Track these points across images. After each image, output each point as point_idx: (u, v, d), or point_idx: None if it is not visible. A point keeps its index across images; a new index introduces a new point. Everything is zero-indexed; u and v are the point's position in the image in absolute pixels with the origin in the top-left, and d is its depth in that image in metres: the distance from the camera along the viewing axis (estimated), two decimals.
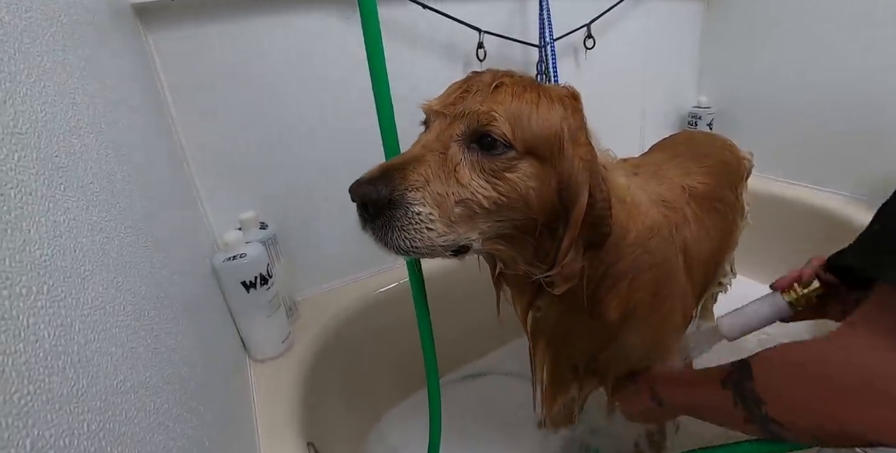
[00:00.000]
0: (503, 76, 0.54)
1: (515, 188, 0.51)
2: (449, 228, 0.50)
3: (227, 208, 0.95)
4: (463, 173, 0.51)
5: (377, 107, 0.60)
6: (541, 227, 0.55)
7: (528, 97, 0.52)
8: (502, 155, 0.51)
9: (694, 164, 0.91)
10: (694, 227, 0.80)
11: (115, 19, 0.68)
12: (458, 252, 0.54)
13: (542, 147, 0.52)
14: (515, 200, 0.52)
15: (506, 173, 0.51)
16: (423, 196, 0.49)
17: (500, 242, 0.56)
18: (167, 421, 0.40)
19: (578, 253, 0.55)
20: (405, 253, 0.51)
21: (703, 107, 1.59)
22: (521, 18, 1.15)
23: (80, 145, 0.40)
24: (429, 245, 0.50)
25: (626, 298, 0.66)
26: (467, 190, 0.50)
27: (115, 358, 0.35)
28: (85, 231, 0.36)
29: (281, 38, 0.90)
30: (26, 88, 0.33)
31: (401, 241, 0.49)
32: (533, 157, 0.52)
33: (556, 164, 0.53)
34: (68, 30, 0.46)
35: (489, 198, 0.51)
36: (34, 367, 0.25)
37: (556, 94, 0.55)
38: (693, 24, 1.54)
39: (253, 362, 0.91)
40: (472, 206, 0.51)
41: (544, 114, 0.52)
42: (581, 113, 0.55)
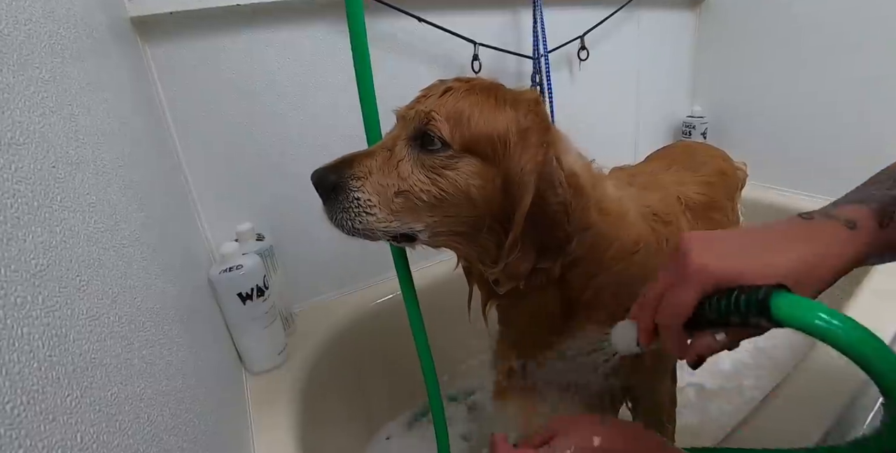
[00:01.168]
0: (456, 81, 0.58)
1: (455, 184, 0.55)
2: (391, 216, 0.56)
3: (224, 220, 0.95)
4: (404, 168, 0.55)
5: (363, 116, 0.64)
6: (492, 225, 0.57)
7: (473, 100, 0.55)
8: (440, 152, 0.54)
9: (690, 174, 0.91)
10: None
11: (113, 31, 0.69)
12: (401, 239, 0.59)
13: (483, 146, 0.54)
14: (455, 196, 0.55)
15: (444, 170, 0.55)
16: (362, 184, 0.55)
17: (454, 238, 0.59)
18: (162, 434, 0.40)
19: (526, 254, 0.55)
20: (349, 232, 0.57)
21: (696, 116, 1.61)
22: (515, 31, 1.17)
23: (76, 156, 0.40)
24: (368, 228, 0.56)
25: (612, 312, 0.64)
26: (406, 182, 0.55)
27: (109, 370, 0.35)
28: (81, 241, 0.36)
29: (278, 51, 0.91)
30: (24, 99, 0.34)
31: (344, 221, 0.56)
32: (473, 156, 0.55)
33: (500, 164, 0.55)
34: (67, 42, 0.46)
35: (428, 191, 0.55)
36: (28, 378, 0.25)
37: (512, 97, 0.57)
38: (685, 35, 1.56)
39: (249, 374, 0.90)
40: (413, 199, 0.55)
41: (488, 116, 0.54)
42: (538, 116, 0.56)
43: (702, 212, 0.85)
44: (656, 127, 1.62)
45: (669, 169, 0.94)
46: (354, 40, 0.63)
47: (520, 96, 0.58)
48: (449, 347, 1.17)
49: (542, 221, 0.54)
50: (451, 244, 0.61)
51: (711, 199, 0.89)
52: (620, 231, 0.64)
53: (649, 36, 1.44)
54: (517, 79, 1.21)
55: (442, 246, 0.61)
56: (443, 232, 0.58)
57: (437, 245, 0.61)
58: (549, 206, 0.54)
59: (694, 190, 0.86)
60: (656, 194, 0.79)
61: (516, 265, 0.55)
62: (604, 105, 1.43)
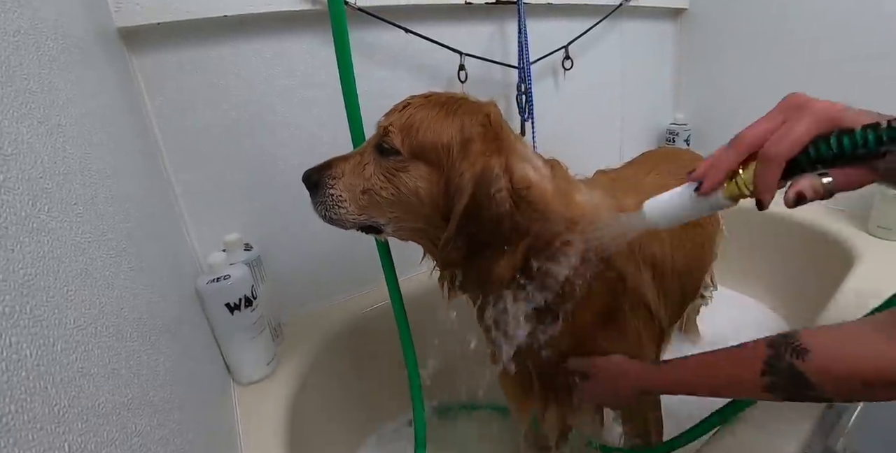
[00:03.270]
0: (418, 98, 0.65)
1: (406, 185, 0.63)
2: (359, 209, 0.66)
3: (212, 230, 0.94)
4: (368, 170, 0.65)
5: (349, 123, 0.70)
6: (438, 222, 0.64)
7: (424, 113, 0.62)
8: (394, 158, 0.63)
9: (672, 180, 0.93)
10: (667, 242, 0.82)
11: (100, 42, 0.69)
12: (368, 230, 0.69)
13: (429, 154, 0.61)
14: (407, 195, 0.63)
15: (398, 172, 0.63)
16: (336, 183, 0.66)
17: (413, 232, 0.68)
18: (150, 444, 0.40)
19: (458, 248, 0.61)
20: (326, 221, 0.68)
21: (679, 124, 1.65)
22: (501, 41, 1.19)
23: (64, 167, 0.40)
24: (339, 218, 0.66)
25: (582, 308, 0.69)
26: (370, 182, 0.64)
27: (97, 380, 0.35)
28: (69, 252, 0.36)
29: (265, 61, 0.92)
30: (13, 110, 0.34)
31: (322, 211, 0.67)
32: (422, 162, 0.62)
33: (443, 170, 0.61)
34: (55, 53, 0.47)
35: (386, 189, 0.64)
36: (16, 387, 0.25)
37: (466, 109, 0.63)
38: (667, 45, 1.60)
39: (237, 385, 0.90)
40: (375, 196, 0.64)
41: (435, 127, 0.61)
42: (484, 127, 0.61)
43: (682, 229, 0.86)
44: (640, 134, 1.65)
45: (650, 173, 0.96)
46: (339, 52, 0.67)
47: (475, 108, 0.63)
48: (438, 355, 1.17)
49: (479, 223, 0.59)
50: (412, 237, 0.70)
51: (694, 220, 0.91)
52: (587, 234, 0.66)
53: (632, 46, 1.47)
54: (504, 88, 1.22)
55: (405, 238, 0.70)
56: (403, 226, 0.67)
57: (401, 238, 0.70)
58: (484, 211, 0.59)
59: None
60: (634, 198, 0.81)
61: (448, 254, 0.62)
62: (589, 113, 1.46)
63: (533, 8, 1.16)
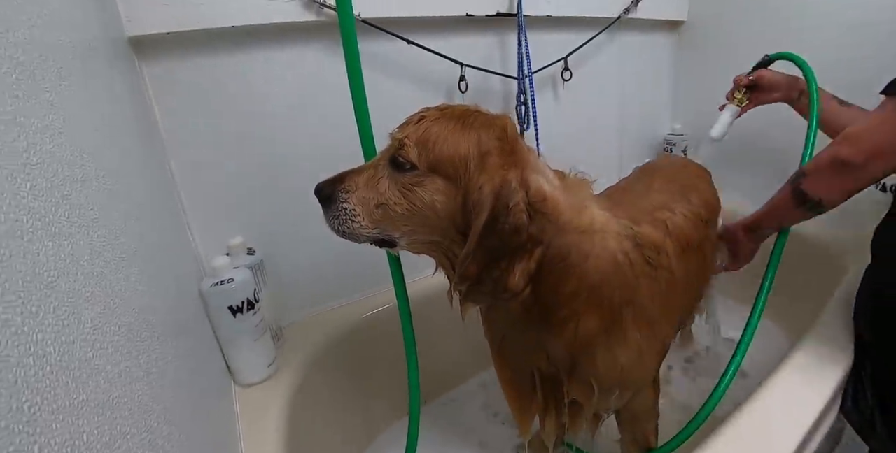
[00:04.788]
0: (432, 110, 0.65)
1: (422, 199, 0.62)
2: (372, 223, 0.65)
3: (216, 234, 0.96)
4: (383, 184, 0.64)
5: (360, 134, 0.70)
6: (455, 236, 0.65)
7: (440, 126, 0.62)
8: (410, 172, 0.62)
9: (681, 203, 0.92)
10: (674, 256, 0.81)
11: (112, 51, 0.71)
12: (382, 244, 0.68)
13: (446, 168, 0.61)
14: (423, 209, 0.63)
15: (414, 187, 0.62)
16: (349, 197, 0.65)
17: (427, 245, 0.68)
18: (158, 440, 0.41)
19: (477, 261, 0.62)
20: (339, 235, 0.67)
21: (677, 134, 1.67)
22: (501, 52, 1.21)
23: (81, 174, 0.43)
24: (353, 232, 0.66)
25: (587, 315, 0.70)
26: (384, 196, 0.64)
27: (110, 376, 0.37)
28: (86, 255, 0.38)
29: (272, 71, 0.94)
30: (36, 121, 0.36)
31: (335, 225, 0.66)
32: (439, 176, 0.62)
33: (461, 184, 0.61)
34: (71, 63, 0.49)
35: (400, 204, 0.63)
36: (41, 380, 0.27)
37: (482, 122, 0.63)
38: (665, 56, 1.63)
39: (238, 387, 0.91)
40: (389, 210, 0.64)
41: (452, 141, 0.61)
42: (501, 140, 0.62)
43: (684, 236, 0.86)
44: (639, 144, 1.67)
45: (652, 187, 0.97)
46: (349, 61, 0.68)
47: (490, 121, 0.63)
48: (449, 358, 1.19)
49: (495, 236, 0.60)
50: (426, 250, 0.69)
51: (694, 222, 0.90)
52: (597, 247, 0.68)
53: (630, 57, 1.50)
54: (504, 99, 1.25)
55: (418, 251, 0.69)
56: (417, 239, 0.67)
57: (415, 251, 0.69)
58: (501, 225, 0.59)
59: (683, 220, 0.87)
60: (642, 216, 0.82)
61: (467, 268, 0.62)
62: (588, 123, 1.48)
63: (533, 20, 1.19)
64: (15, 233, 0.28)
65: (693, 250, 0.88)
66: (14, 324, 0.26)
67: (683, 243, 0.85)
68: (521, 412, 0.87)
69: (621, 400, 0.85)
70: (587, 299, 0.69)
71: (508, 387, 0.86)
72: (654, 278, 0.77)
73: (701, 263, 0.93)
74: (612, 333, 0.74)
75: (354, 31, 0.65)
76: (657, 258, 0.78)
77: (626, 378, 0.79)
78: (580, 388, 0.79)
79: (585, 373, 0.77)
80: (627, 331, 0.75)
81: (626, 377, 0.79)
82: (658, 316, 0.79)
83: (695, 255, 0.89)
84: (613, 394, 0.81)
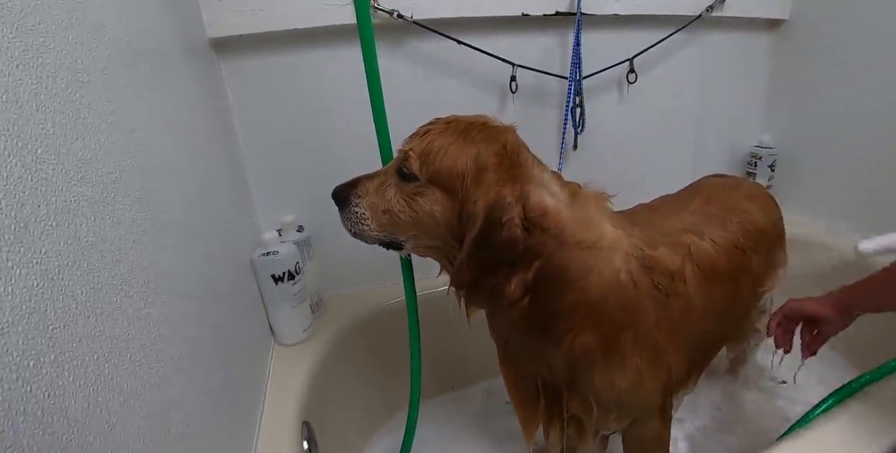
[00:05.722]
0: (440, 123, 0.69)
1: (423, 209, 0.67)
2: (380, 227, 0.71)
3: (274, 211, 1.10)
4: (389, 191, 0.69)
5: (378, 139, 0.78)
6: (453, 243, 0.69)
7: (443, 140, 0.65)
8: (412, 183, 0.67)
9: (717, 228, 0.87)
10: (692, 289, 0.78)
11: (195, 51, 0.86)
12: (389, 246, 0.74)
13: (445, 180, 0.65)
14: (423, 217, 0.68)
15: (416, 196, 0.67)
16: (360, 201, 0.72)
17: (431, 250, 0.73)
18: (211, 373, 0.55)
19: (470, 267, 0.65)
20: (351, 235, 0.74)
21: (765, 147, 1.51)
22: (561, 52, 1.20)
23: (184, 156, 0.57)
24: (362, 234, 0.73)
25: (584, 331, 0.70)
26: (390, 203, 0.69)
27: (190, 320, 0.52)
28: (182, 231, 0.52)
29: (330, 67, 1.04)
30: (138, 114, 0.50)
31: (348, 226, 0.74)
32: (437, 188, 0.66)
33: (458, 196, 0.65)
34: (159, 61, 0.64)
35: (404, 212, 0.68)
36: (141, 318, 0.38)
37: (485, 136, 0.66)
38: (760, 59, 1.49)
39: (277, 346, 1.04)
40: (394, 216, 0.69)
41: (451, 155, 0.64)
42: (498, 157, 0.64)
43: (712, 273, 0.81)
44: (717, 157, 1.54)
45: (688, 208, 0.91)
46: (368, 66, 0.74)
47: (492, 135, 0.66)
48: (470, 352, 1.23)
49: (490, 248, 0.63)
50: (429, 254, 0.74)
51: (729, 251, 0.84)
52: (600, 263, 0.69)
53: (713, 60, 1.39)
54: (560, 99, 1.24)
55: (423, 254, 0.75)
56: (421, 244, 0.72)
57: (420, 254, 0.75)
58: (496, 238, 0.62)
59: (710, 247, 0.83)
60: (662, 238, 0.78)
61: (461, 276, 0.67)
62: (656, 131, 1.40)
63: (597, 19, 1.17)
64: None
65: (720, 279, 0.83)
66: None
67: (707, 270, 0.80)
68: (525, 418, 0.88)
69: (621, 424, 0.84)
70: (585, 315, 0.70)
71: (513, 392, 0.88)
72: (664, 304, 0.75)
73: (732, 294, 0.87)
74: (610, 354, 0.73)
75: (372, 36, 0.72)
76: (669, 284, 0.75)
77: (623, 401, 0.78)
78: (579, 404, 0.80)
79: (584, 390, 0.78)
80: (626, 354, 0.74)
81: (624, 400, 0.78)
82: (665, 343, 0.77)
83: (722, 285, 0.83)
84: (612, 415, 0.80)
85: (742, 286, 0.89)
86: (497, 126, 0.69)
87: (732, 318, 0.96)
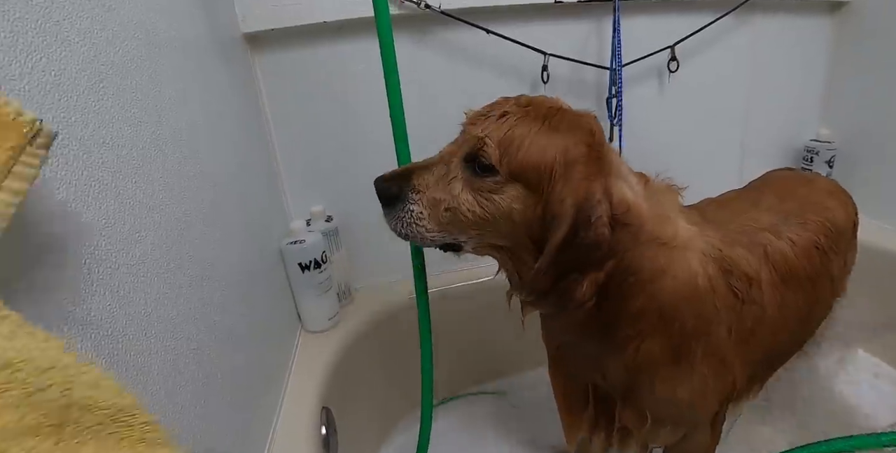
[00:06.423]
0: (515, 105, 0.59)
1: (498, 207, 0.59)
2: (439, 227, 0.62)
3: (304, 201, 1.12)
4: (455, 186, 0.60)
5: (392, 122, 0.78)
6: (528, 244, 0.61)
7: (526, 127, 0.57)
8: (488, 177, 0.58)
9: (790, 218, 0.80)
10: (767, 295, 0.71)
11: (231, 46, 0.89)
12: (447, 248, 0.66)
13: (529, 174, 0.57)
14: (497, 217, 0.59)
15: (490, 194, 0.59)
16: (419, 198, 0.61)
17: (495, 250, 0.65)
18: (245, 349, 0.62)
19: (549, 275, 0.57)
20: (402, 236, 0.65)
21: (822, 141, 1.41)
22: (597, 40, 1.16)
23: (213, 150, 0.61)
24: (418, 236, 0.63)
25: (652, 337, 0.64)
26: (456, 201, 0.60)
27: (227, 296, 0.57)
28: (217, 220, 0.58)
29: (362, 59, 1.05)
30: (184, 107, 0.54)
31: (399, 228, 0.64)
32: (519, 183, 0.57)
33: (543, 193, 0.56)
34: (198, 57, 0.68)
35: (473, 211, 0.59)
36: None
37: (567, 125, 0.57)
38: (818, 44, 1.38)
39: (304, 332, 1.07)
40: (459, 215, 0.60)
41: (538, 145, 0.56)
42: (589, 147, 0.56)
43: (789, 277, 0.74)
44: (769, 152, 1.45)
45: (759, 204, 0.84)
46: (385, 60, 0.74)
47: (576, 122, 0.58)
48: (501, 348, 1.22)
49: (572, 250, 0.55)
50: (492, 254, 0.67)
51: (807, 252, 0.77)
52: (675, 265, 0.62)
53: (765, 45, 1.30)
54: (597, 89, 1.20)
55: (482, 254, 0.67)
56: (484, 244, 0.64)
57: (479, 253, 0.67)
58: (581, 239, 0.54)
59: (788, 247, 0.75)
60: (737, 237, 0.72)
61: (539, 281, 0.58)
62: (700, 124, 1.33)
63: (636, 4, 1.12)
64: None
65: (798, 283, 0.75)
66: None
67: (784, 274, 0.73)
68: (569, 425, 0.84)
69: (673, 437, 0.78)
70: (654, 322, 0.63)
71: (560, 397, 0.84)
72: (739, 313, 0.68)
73: (809, 300, 0.79)
74: (676, 365, 0.67)
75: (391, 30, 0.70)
76: (746, 290, 0.68)
77: (682, 414, 0.73)
78: (632, 415, 0.74)
79: (640, 401, 0.71)
80: (695, 365, 0.67)
81: (683, 414, 0.73)
82: (734, 355, 0.70)
83: (799, 290, 0.76)
84: (665, 428, 0.75)
85: (820, 292, 0.81)
86: (576, 111, 0.61)
87: (807, 328, 0.87)
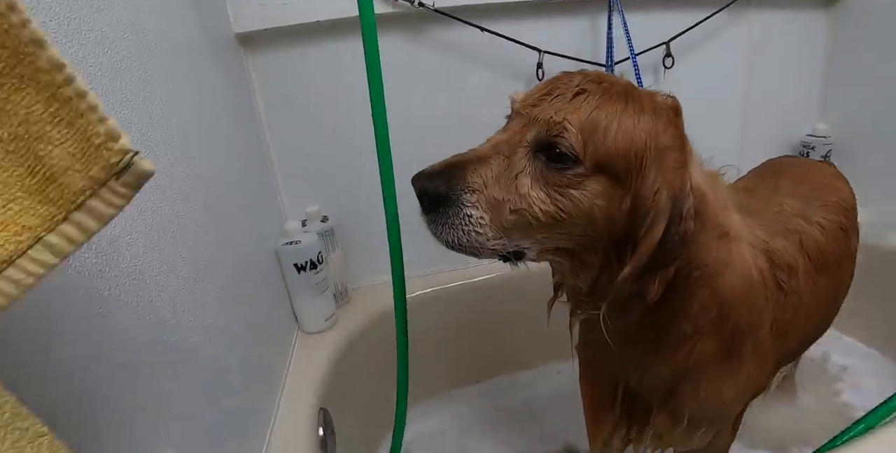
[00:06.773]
0: (589, 81, 0.50)
1: (578, 205, 0.49)
2: (501, 233, 0.50)
3: (300, 201, 1.12)
4: (523, 182, 0.49)
5: (374, 125, 0.79)
6: (606, 245, 0.52)
7: (610, 107, 0.48)
8: (568, 170, 0.48)
9: (813, 201, 0.76)
10: (803, 284, 0.67)
11: (223, 46, 0.88)
12: (508, 258, 0.54)
13: (617, 165, 0.48)
14: (575, 217, 0.50)
15: (569, 189, 0.48)
16: (477, 199, 0.49)
17: (559, 254, 0.55)
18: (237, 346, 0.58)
19: (630, 280, 0.50)
20: (453, 247, 0.52)
21: (819, 136, 1.40)
22: (592, 37, 1.16)
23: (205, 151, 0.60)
24: (475, 246, 0.51)
25: (708, 335, 0.59)
26: (525, 200, 0.49)
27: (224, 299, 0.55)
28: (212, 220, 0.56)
29: (354, 58, 1.03)
30: (175, 109, 0.52)
31: (449, 237, 0.51)
32: (604, 175, 0.48)
33: (631, 185, 0.48)
34: (189, 58, 0.67)
35: (546, 212, 0.49)
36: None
37: (651, 104, 0.50)
38: (814, 39, 1.37)
39: (301, 333, 1.07)
40: (528, 217, 0.50)
41: (626, 128, 0.47)
42: (677, 129, 0.50)
43: (820, 253, 0.70)
44: (766, 147, 1.43)
45: (779, 190, 0.80)
46: (368, 58, 0.73)
47: (658, 104, 0.50)
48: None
49: (660, 249, 0.48)
50: (554, 259, 0.57)
51: (833, 235, 0.74)
52: (734, 257, 0.57)
53: (763, 40, 1.30)
54: None
55: (542, 260, 0.57)
56: (550, 248, 0.54)
57: (541, 260, 0.57)
58: (671, 235, 0.47)
59: (819, 233, 0.72)
60: (775, 226, 0.69)
61: (627, 286, 0.50)
62: (697, 119, 1.31)
63: (630, 0, 1.11)
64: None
65: (828, 268, 0.72)
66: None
67: (817, 261, 0.70)
68: (595, 433, 0.79)
69: (705, 439, 0.74)
70: (714, 318, 0.57)
71: (589, 405, 0.80)
72: (782, 305, 0.65)
73: (836, 283, 0.76)
74: (727, 363, 0.62)
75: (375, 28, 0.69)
76: (789, 281, 0.64)
77: (720, 414, 0.69)
78: (668, 420, 0.68)
79: (681, 404, 0.66)
80: (743, 362, 0.63)
81: (721, 414, 0.69)
82: (771, 349, 0.66)
83: (829, 275, 0.73)
84: (700, 431, 0.70)
85: (845, 274, 0.79)
86: (647, 90, 0.53)
87: (832, 313, 0.84)
